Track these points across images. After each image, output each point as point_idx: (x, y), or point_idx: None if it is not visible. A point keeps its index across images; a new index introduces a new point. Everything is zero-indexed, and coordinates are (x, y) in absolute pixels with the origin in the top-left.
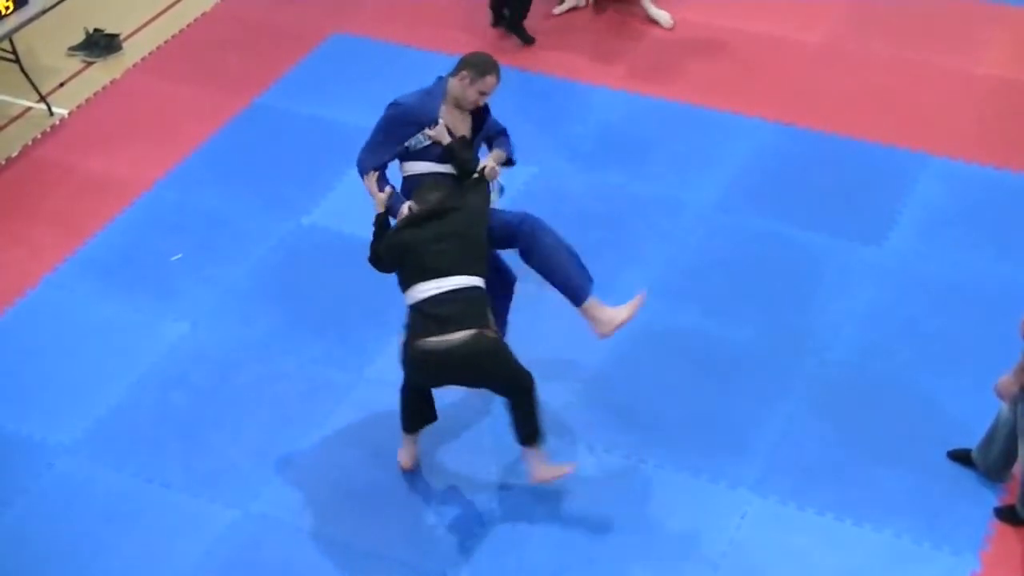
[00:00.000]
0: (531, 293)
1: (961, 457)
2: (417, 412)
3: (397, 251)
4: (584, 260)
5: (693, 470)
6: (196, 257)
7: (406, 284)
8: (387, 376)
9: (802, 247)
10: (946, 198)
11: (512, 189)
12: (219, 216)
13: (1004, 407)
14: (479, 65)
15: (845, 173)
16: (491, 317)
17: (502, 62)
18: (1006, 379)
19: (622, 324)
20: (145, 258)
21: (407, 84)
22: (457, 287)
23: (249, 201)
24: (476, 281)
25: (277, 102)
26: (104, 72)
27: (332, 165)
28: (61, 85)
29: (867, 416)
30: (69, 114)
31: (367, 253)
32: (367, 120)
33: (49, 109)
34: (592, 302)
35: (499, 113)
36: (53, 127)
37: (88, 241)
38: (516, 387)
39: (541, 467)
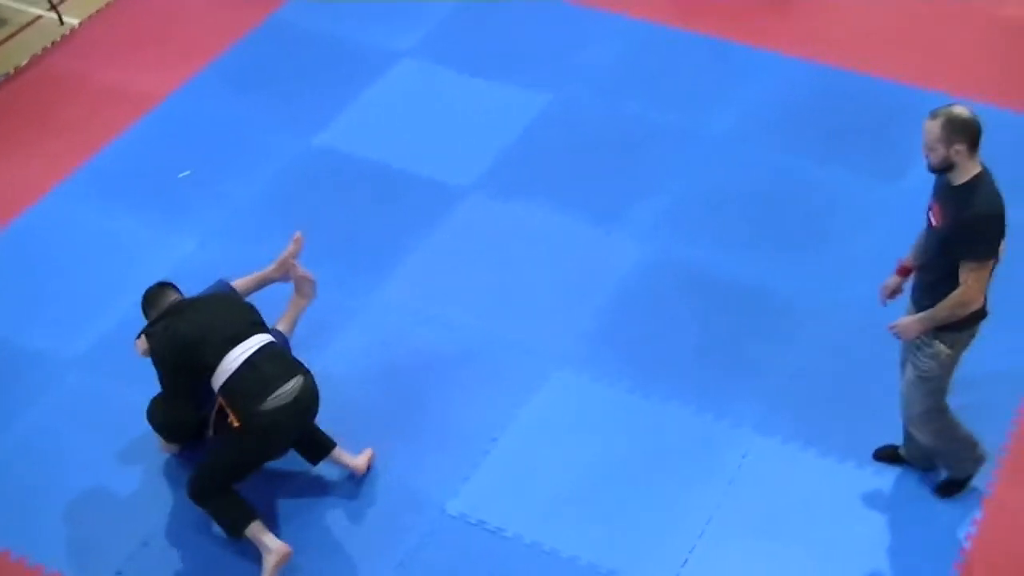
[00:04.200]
0: (541, 220)
1: (889, 456)
2: (241, 499)
3: (182, 345)
4: (598, 187)
5: (697, 407)
6: (206, 173)
7: (211, 366)
8: (394, 302)
9: (819, 182)
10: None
11: (528, 115)
12: (230, 132)
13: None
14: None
15: (863, 110)
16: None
17: None
18: (911, 320)
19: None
20: (155, 171)
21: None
22: (262, 345)
23: (261, 118)
24: (270, 337)
25: (294, 17)
26: None
27: (344, 85)
28: None
29: (878, 357)
30: (80, 24)
31: (379, 174)
32: (382, 40)
33: (60, 18)
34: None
35: (516, 38)
36: (64, 37)
37: (98, 153)
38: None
39: (355, 457)
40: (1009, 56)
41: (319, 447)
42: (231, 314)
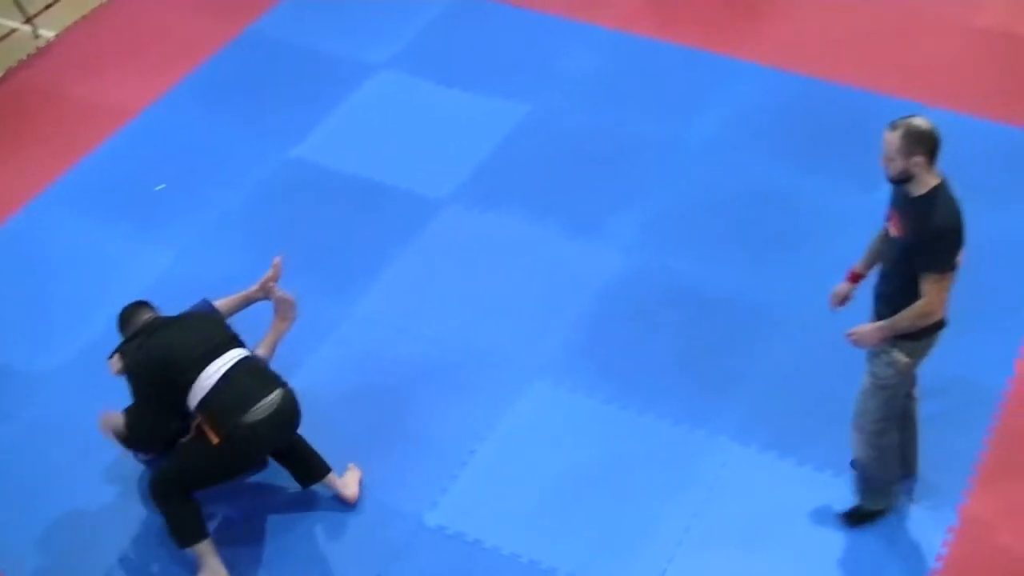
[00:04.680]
0: (519, 231)
1: None
2: (199, 512)
3: (156, 363)
4: (577, 198)
5: (675, 418)
6: (183, 186)
7: (189, 381)
8: (372, 315)
9: (797, 192)
10: (941, 150)
11: (507, 126)
12: (207, 145)
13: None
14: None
15: (840, 120)
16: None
17: None
18: (871, 328)
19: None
20: (132, 185)
21: (403, 12)
22: (238, 359)
23: (238, 131)
24: (246, 351)
25: (271, 29)
26: None
27: (322, 97)
28: (48, 7)
29: (856, 366)
30: (56, 37)
31: (356, 187)
32: (360, 52)
33: (35, 32)
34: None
35: (494, 49)
36: (39, 50)
37: (74, 167)
38: (302, 443)
39: (347, 485)
40: (983, 66)
41: (314, 470)
42: (206, 331)
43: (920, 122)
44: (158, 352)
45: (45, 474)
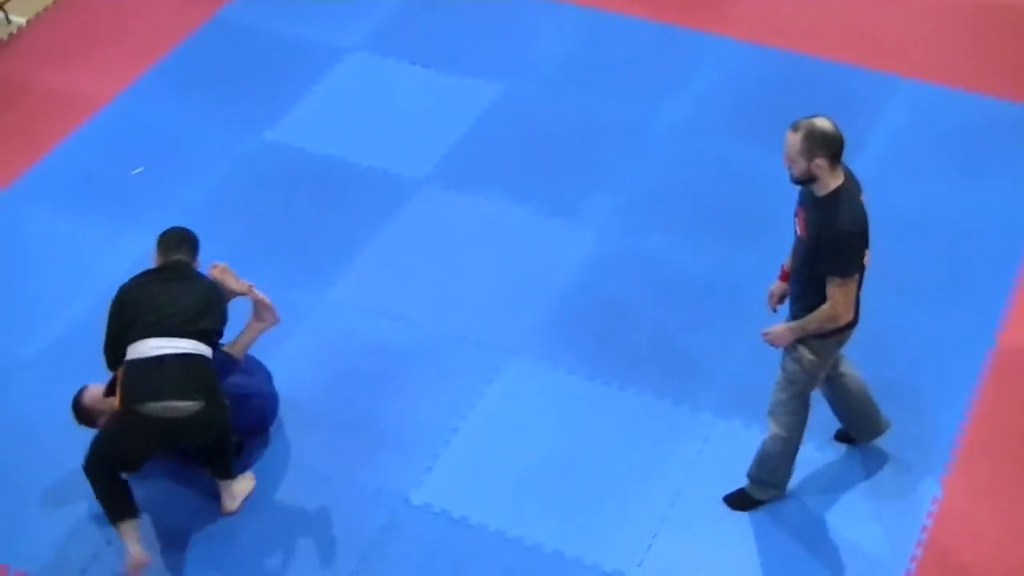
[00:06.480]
0: (495, 211)
1: (847, 437)
2: (124, 492)
3: (122, 303)
4: (551, 178)
5: (657, 393)
6: (156, 173)
7: (130, 336)
8: (348, 298)
9: (771, 171)
10: (916, 122)
11: (480, 106)
12: (181, 131)
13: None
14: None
15: (815, 95)
16: (217, 387)
17: None
18: (783, 329)
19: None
20: (105, 173)
21: None
22: (186, 352)
23: (212, 116)
24: (204, 350)
25: (242, 14)
26: None
27: (295, 80)
28: None
29: None
30: (27, 23)
31: (331, 169)
32: (332, 35)
33: (6, 17)
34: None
35: (466, 29)
36: (11, 36)
37: (46, 155)
38: (222, 444)
39: (233, 497)
40: (959, 38)
41: (221, 469)
42: (184, 307)
43: (822, 123)
44: (129, 296)
45: (28, 462)
